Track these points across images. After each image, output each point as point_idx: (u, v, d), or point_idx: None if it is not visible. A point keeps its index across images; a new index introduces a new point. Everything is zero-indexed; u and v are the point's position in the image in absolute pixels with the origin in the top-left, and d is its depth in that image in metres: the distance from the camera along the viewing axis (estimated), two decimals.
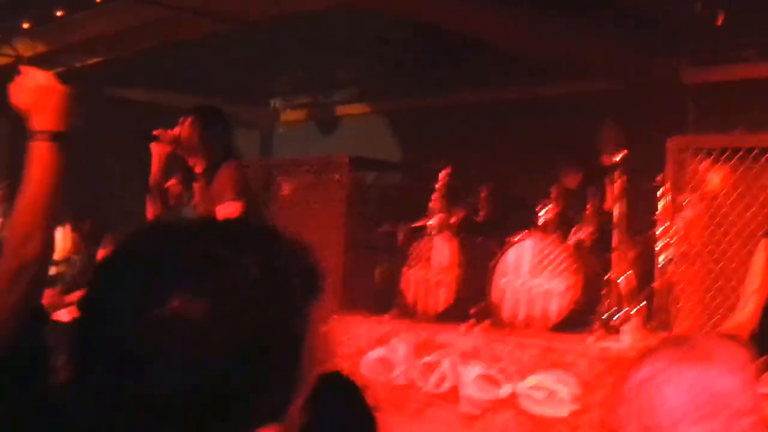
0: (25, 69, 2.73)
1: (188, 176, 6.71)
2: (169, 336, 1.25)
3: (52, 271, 7.95)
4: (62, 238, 10.47)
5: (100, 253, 9.44)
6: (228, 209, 6.30)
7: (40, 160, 2.62)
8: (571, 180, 9.40)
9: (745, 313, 5.02)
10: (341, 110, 13.92)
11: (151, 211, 6.53)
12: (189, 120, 6.59)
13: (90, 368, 1.30)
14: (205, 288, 1.28)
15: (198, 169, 6.59)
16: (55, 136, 2.64)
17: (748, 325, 4.97)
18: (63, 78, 2.74)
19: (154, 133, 6.52)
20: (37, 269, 2.61)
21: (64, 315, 6.56)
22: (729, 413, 1.53)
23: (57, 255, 10.03)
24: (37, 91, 2.66)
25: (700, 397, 1.53)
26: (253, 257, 1.33)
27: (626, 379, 1.62)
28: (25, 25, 10.83)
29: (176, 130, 6.57)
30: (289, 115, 15.03)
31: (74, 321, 1.33)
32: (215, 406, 1.27)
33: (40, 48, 11.37)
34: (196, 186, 6.63)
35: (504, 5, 9.24)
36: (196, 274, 1.29)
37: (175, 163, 6.73)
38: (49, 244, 2.66)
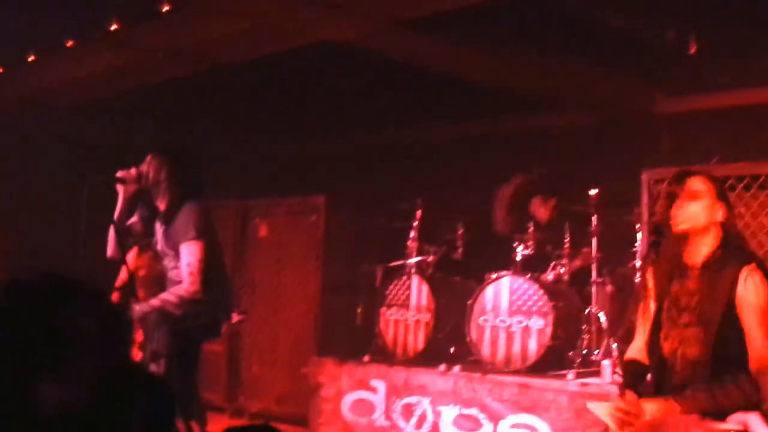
0: None
1: (151, 215, 6.64)
2: None
3: None
4: None
5: None
6: (190, 248, 6.25)
7: None
8: (542, 213, 9.32)
9: (642, 339, 5.10)
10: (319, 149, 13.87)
11: (111, 249, 6.47)
12: (154, 158, 6.53)
13: None
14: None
15: (161, 208, 6.52)
16: None
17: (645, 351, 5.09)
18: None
19: (118, 173, 6.46)
20: None
21: None
22: None
23: None
24: None
25: None
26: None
27: None
28: None
29: (142, 168, 6.52)
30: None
31: None
32: None
33: (14, 92, 11.30)
34: (158, 225, 6.56)
35: (477, 42, 9.20)
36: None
37: (140, 203, 6.67)
38: None
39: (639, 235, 8.17)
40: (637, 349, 5.14)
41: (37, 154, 11.75)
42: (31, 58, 10.41)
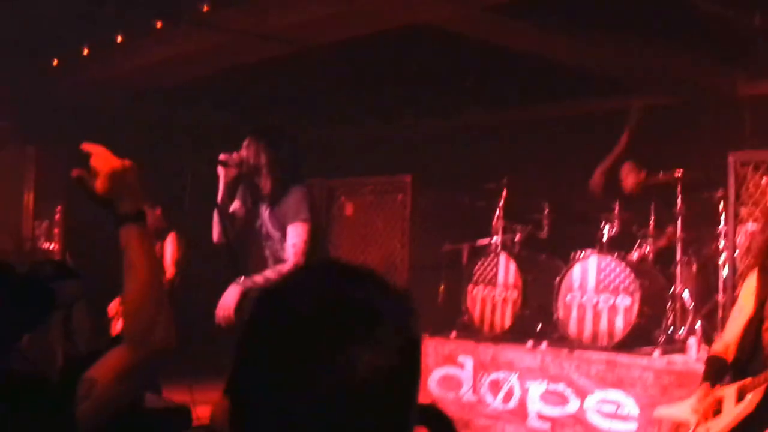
0: (89, 148, 2.60)
1: (253, 198, 6.76)
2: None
3: None
4: None
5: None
6: (297, 229, 6.40)
7: (138, 245, 2.54)
8: (631, 180, 9.39)
9: (731, 335, 5.28)
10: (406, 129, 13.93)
11: (216, 234, 6.59)
12: (252, 142, 6.63)
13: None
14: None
15: (265, 191, 6.63)
16: (141, 216, 2.57)
17: (733, 348, 5.24)
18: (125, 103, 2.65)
19: (220, 157, 6.60)
20: (163, 357, 2.56)
21: None
22: None
23: None
24: (113, 175, 2.55)
25: None
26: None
27: None
28: (85, 52, 10.88)
29: (242, 153, 6.62)
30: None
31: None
32: None
33: (102, 73, 11.44)
34: (263, 208, 6.69)
35: (563, 23, 9.29)
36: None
37: (241, 187, 6.77)
38: (172, 330, 2.56)
39: (723, 216, 8.29)
40: (723, 344, 5.31)
41: (128, 135, 11.94)
42: (119, 40, 10.58)
